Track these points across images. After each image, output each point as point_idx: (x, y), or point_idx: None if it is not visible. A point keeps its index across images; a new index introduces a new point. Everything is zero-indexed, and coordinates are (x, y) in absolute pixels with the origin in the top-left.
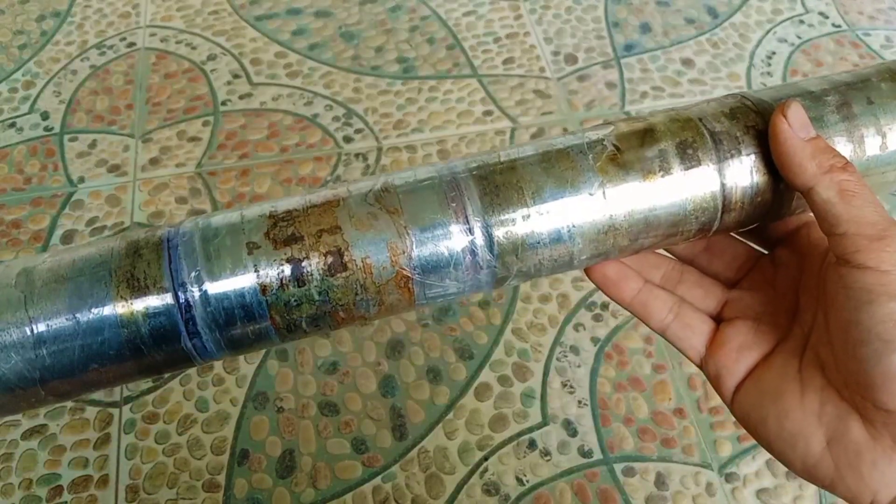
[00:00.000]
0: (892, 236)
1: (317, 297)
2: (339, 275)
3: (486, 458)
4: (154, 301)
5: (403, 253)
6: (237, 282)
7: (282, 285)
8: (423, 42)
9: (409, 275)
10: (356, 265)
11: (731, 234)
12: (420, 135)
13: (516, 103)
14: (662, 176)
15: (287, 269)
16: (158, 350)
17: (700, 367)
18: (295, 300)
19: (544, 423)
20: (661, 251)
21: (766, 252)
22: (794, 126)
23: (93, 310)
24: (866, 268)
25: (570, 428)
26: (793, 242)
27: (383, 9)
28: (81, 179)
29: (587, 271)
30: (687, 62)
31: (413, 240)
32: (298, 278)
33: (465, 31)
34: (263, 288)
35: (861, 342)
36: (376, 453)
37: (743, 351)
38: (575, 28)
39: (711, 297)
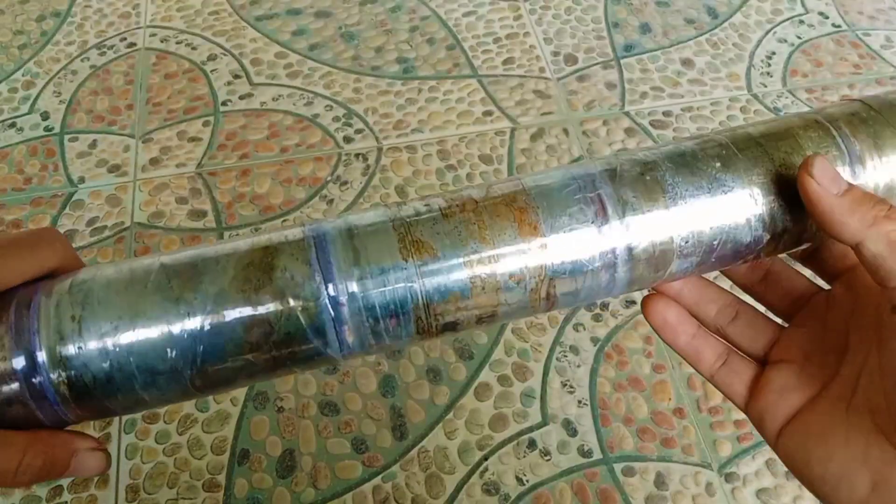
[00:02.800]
0: None
1: (457, 287)
2: (479, 265)
3: (486, 458)
4: (301, 286)
5: (542, 245)
6: (385, 268)
7: (427, 273)
8: (423, 42)
9: (546, 271)
10: (495, 256)
11: (793, 264)
12: (420, 135)
13: (516, 103)
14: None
15: (431, 260)
16: (310, 336)
17: (745, 411)
18: (436, 286)
19: (544, 423)
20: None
21: (823, 287)
22: (824, 183)
23: (237, 293)
24: None
25: (570, 428)
26: (849, 280)
27: (383, 9)
28: (82, 179)
29: (647, 314)
30: (687, 62)
31: (551, 232)
32: (443, 267)
33: (465, 31)
34: (411, 288)
35: None
36: (376, 453)
37: (785, 393)
38: (575, 28)
39: (762, 337)
